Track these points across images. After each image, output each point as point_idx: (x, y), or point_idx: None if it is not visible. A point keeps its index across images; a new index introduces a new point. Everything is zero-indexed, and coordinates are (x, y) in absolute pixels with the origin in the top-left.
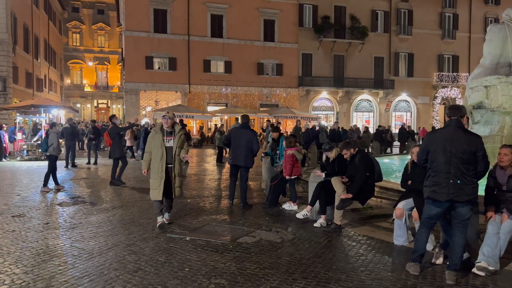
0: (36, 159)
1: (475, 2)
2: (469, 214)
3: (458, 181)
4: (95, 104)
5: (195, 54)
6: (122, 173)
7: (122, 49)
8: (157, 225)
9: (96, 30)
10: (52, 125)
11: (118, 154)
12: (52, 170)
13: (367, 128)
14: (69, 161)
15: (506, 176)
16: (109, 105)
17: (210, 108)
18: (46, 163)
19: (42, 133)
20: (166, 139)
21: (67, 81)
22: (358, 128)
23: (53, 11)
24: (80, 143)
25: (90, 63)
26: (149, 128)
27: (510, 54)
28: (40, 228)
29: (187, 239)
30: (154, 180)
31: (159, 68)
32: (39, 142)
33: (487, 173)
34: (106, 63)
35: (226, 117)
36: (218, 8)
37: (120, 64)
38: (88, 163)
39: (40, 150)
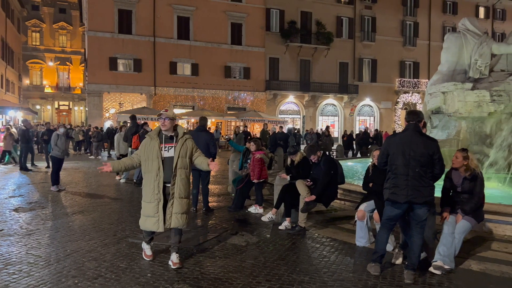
0: None
1: (434, 11)
2: (426, 215)
3: (416, 183)
4: (56, 106)
5: (161, 56)
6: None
7: (85, 49)
8: (145, 258)
9: (58, 30)
10: (58, 126)
11: None
12: (54, 170)
13: (323, 132)
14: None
15: (461, 178)
16: (71, 107)
17: (177, 111)
18: (3, 167)
19: None
20: (165, 147)
21: (26, 81)
22: (315, 132)
23: (11, 8)
24: (39, 146)
25: (51, 63)
26: (116, 130)
27: (466, 62)
28: None
29: None
30: (147, 205)
31: (123, 69)
32: None
33: (444, 175)
34: (68, 63)
35: (192, 120)
36: (184, 10)
37: (83, 65)
38: (48, 166)
39: None
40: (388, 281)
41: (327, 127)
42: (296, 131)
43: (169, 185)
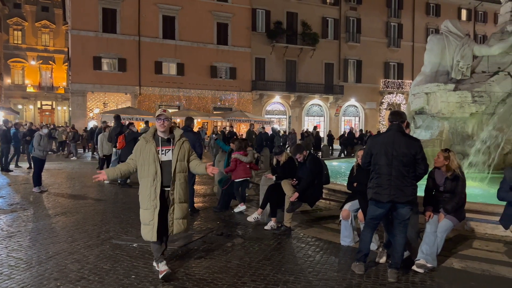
0: None
1: (418, 13)
2: (409, 215)
3: (399, 182)
4: (39, 106)
5: (146, 55)
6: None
7: (68, 48)
8: (160, 275)
9: (40, 28)
10: (41, 127)
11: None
12: (36, 171)
13: (307, 131)
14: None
15: (443, 178)
16: (54, 106)
17: None
18: None
19: None
20: (162, 150)
21: (7, 80)
22: (295, 133)
23: None
24: (22, 146)
25: (33, 62)
26: (97, 130)
27: (448, 63)
28: None
29: (134, 245)
30: (144, 212)
31: (108, 69)
32: None
33: (427, 175)
34: (51, 62)
35: (178, 120)
36: (170, 9)
37: (66, 64)
38: (30, 167)
39: None
40: (372, 279)
41: (315, 127)
42: (284, 132)
43: (168, 189)
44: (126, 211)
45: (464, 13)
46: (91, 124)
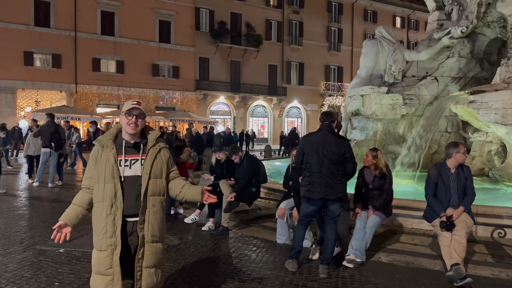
0: None
1: (357, 19)
2: (339, 211)
3: (329, 180)
4: None
5: (83, 51)
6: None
7: None
8: None
9: None
10: None
11: None
12: None
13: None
14: None
15: (372, 176)
16: None
17: (100, 110)
18: None
19: None
20: (125, 161)
21: None
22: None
23: None
24: None
25: None
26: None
27: (382, 67)
28: None
29: (61, 251)
30: (97, 254)
31: (40, 65)
32: None
33: (357, 173)
34: None
35: (117, 120)
36: (109, 5)
37: None
38: None
39: None
40: (305, 276)
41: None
42: (230, 132)
43: (133, 219)
44: (55, 214)
45: (398, 20)
46: (23, 123)
